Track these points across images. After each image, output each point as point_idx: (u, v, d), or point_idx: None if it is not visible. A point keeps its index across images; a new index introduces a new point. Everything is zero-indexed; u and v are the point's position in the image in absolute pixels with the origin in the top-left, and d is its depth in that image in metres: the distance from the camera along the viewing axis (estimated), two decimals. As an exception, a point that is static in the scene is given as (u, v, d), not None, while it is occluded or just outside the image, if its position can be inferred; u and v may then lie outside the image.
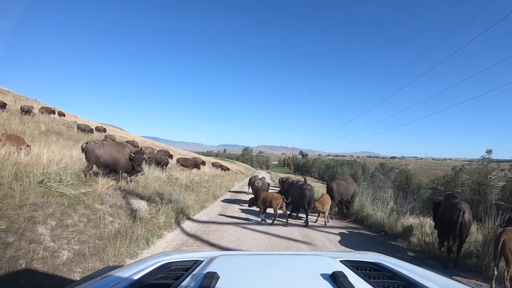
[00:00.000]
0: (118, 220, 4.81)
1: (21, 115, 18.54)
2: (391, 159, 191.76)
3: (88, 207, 4.75)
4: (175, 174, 11.29)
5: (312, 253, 1.77)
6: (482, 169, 38.24)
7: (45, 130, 17.50)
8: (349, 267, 1.11)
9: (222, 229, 5.90)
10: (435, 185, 46.10)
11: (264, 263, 1.15)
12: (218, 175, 18.58)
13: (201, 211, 7.61)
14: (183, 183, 10.00)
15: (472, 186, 37.17)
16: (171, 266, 1.20)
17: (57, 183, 5.04)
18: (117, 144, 6.60)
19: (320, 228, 6.52)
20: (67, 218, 4.22)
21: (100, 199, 5.19)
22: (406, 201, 6.75)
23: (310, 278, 0.95)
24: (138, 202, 5.81)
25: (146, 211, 5.46)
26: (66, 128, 19.00)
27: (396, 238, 6.14)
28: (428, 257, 5.18)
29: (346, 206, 8.45)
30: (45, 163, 5.96)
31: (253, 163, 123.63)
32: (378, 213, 7.29)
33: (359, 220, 7.48)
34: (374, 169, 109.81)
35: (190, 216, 6.71)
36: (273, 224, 6.53)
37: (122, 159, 6.48)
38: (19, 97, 36.11)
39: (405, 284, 1.01)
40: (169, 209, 5.81)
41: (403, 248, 5.68)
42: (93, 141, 6.37)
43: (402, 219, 6.54)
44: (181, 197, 7.88)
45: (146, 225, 4.95)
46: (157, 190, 7.12)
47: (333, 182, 8.07)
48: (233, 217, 7.19)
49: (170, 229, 5.40)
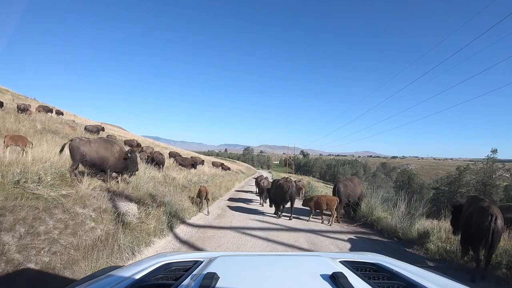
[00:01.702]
0: (100, 226, 4.25)
1: (17, 113, 18.06)
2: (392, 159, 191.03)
3: (67, 211, 4.21)
4: (172, 174, 10.76)
5: (312, 254, 1.71)
6: (487, 169, 37.53)
7: (40, 129, 16.99)
8: (349, 267, 1.10)
9: (219, 235, 5.35)
10: (439, 185, 45.36)
11: (264, 264, 1.15)
12: (218, 174, 18.03)
13: (197, 214, 7.05)
14: (180, 183, 9.46)
15: (477, 186, 36.47)
16: (171, 266, 1.20)
17: (35, 184, 4.51)
18: (105, 141, 6.05)
19: (327, 234, 5.95)
20: (40, 224, 3.68)
21: (83, 202, 4.64)
22: (421, 204, 6.16)
23: (310, 278, 0.95)
24: (127, 205, 5.26)
25: (135, 215, 4.91)
26: (70, 128, 18.40)
27: (411, 244, 5.57)
28: (450, 267, 4.61)
29: (353, 208, 7.89)
30: (29, 161, 5.44)
31: (254, 162, 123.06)
32: (389, 216, 6.72)
33: (369, 224, 6.91)
34: (376, 168, 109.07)
35: (185, 220, 6.15)
36: (276, 229, 5.98)
37: (110, 157, 5.93)
38: (18, 96, 35.67)
39: (405, 285, 1.01)
40: (161, 213, 5.25)
41: (420, 257, 5.11)
42: (79, 137, 5.82)
43: (417, 223, 5.95)
44: (177, 198, 7.33)
45: (133, 232, 4.40)
46: (150, 192, 6.58)
47: (339, 183, 7.50)
48: (232, 221, 6.64)
49: (161, 235, 4.84)
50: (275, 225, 6.40)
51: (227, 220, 6.66)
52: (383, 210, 7.11)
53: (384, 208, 7.18)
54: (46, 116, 21.67)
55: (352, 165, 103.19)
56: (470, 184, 37.93)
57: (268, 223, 6.59)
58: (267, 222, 6.64)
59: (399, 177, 73.27)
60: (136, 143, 19.41)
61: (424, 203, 6.18)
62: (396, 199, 7.52)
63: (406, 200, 6.65)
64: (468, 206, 4.74)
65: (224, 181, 16.20)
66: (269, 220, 6.95)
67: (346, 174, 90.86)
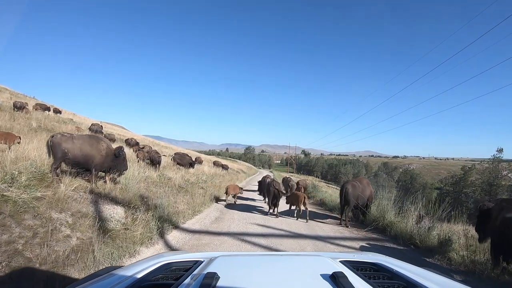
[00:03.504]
0: (77, 234, 3.68)
1: (13, 111, 17.57)
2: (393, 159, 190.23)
3: (39, 216, 3.64)
4: (169, 173, 10.19)
5: (312, 254, 1.69)
6: (492, 168, 36.78)
7: (36, 127, 16.49)
8: (349, 267, 1.09)
9: (216, 242, 4.77)
10: (443, 185, 44.55)
11: (264, 264, 1.14)
12: (217, 174, 17.46)
13: (193, 217, 6.47)
14: (176, 183, 8.89)
15: (482, 187, 35.73)
16: (171, 266, 1.19)
17: (7, 185, 3.96)
18: (90, 137, 5.48)
19: (336, 241, 5.36)
20: (3, 233, 3.11)
21: (60, 206, 4.08)
22: (441, 207, 5.55)
23: (310, 278, 0.94)
24: (112, 208, 4.69)
25: (120, 221, 4.34)
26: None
27: (431, 253, 4.97)
28: (480, 280, 4.01)
29: (362, 211, 7.29)
30: (9, 160, 4.89)
31: (255, 162, 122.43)
32: (403, 220, 6.12)
33: (380, 229, 6.31)
34: (377, 168, 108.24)
35: (179, 225, 5.57)
36: (280, 236, 5.40)
37: (96, 155, 5.37)
38: (16, 95, 35.16)
39: (405, 284, 1.00)
40: (150, 217, 4.67)
41: (443, 268, 4.51)
42: (61, 133, 5.26)
43: (437, 229, 5.35)
44: (171, 200, 6.77)
45: (115, 240, 3.83)
46: (141, 193, 6.00)
47: (347, 183, 6.89)
48: (230, 225, 6.06)
49: (149, 243, 4.26)
50: (278, 230, 5.82)
51: (225, 224, 6.08)
52: (394, 212, 6.51)
53: (396, 210, 6.58)
54: (43, 114, 21.21)
55: (353, 165, 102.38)
56: (475, 184, 37.17)
57: (270, 227, 6.01)
58: (269, 227, 6.05)
59: (402, 177, 72.61)
60: (135, 142, 18.98)
61: (445, 206, 5.56)
62: (402, 200, 6.92)
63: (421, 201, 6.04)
64: (499, 210, 4.15)
65: (224, 181, 15.63)
66: (271, 224, 6.37)
67: (347, 174, 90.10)
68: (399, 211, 6.60)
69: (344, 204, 6.86)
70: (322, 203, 10.98)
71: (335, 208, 9.37)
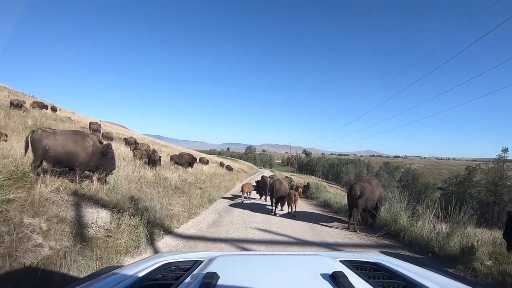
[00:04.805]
0: (51, 243, 3.19)
1: (10, 109, 17.13)
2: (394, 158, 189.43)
3: (7, 221, 3.15)
4: (165, 173, 9.69)
5: (312, 253, 1.58)
6: (497, 168, 36.12)
7: (31, 125, 16.05)
8: (349, 267, 1.08)
9: (211, 250, 4.26)
10: (446, 185, 43.86)
11: (264, 263, 1.13)
12: (217, 174, 16.95)
13: (189, 221, 5.98)
14: (172, 184, 8.40)
15: (487, 187, 35.07)
16: (171, 266, 1.18)
17: (-25, 186, 3.49)
18: (75, 133, 4.99)
19: (346, 248, 4.86)
20: (-43, 244, 2.64)
21: (35, 209, 3.59)
22: (462, 209, 5.02)
23: (310, 278, 0.93)
24: (96, 212, 4.19)
25: (103, 227, 3.84)
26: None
27: (452, 262, 4.46)
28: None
29: (371, 214, 6.78)
30: None
31: (256, 161, 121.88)
32: (417, 224, 5.61)
33: (393, 234, 5.79)
34: (379, 168, 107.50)
35: (172, 229, 5.08)
36: (283, 243, 4.91)
37: (81, 153, 4.88)
38: (15, 93, 34.79)
39: (405, 284, 0.99)
40: (138, 222, 4.17)
41: (467, 279, 4.00)
42: (41, 128, 4.77)
43: (458, 234, 4.83)
44: (165, 202, 6.27)
45: (95, 250, 3.33)
46: (131, 194, 5.50)
47: (356, 185, 6.37)
48: (229, 230, 5.55)
49: (135, 252, 3.77)
50: (281, 236, 5.31)
51: (224, 229, 5.58)
52: (408, 216, 5.99)
53: (409, 214, 6.06)
54: (40, 112, 20.78)
55: (355, 165, 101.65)
56: (480, 184, 36.52)
57: (272, 233, 5.51)
58: (271, 232, 5.55)
59: (403, 176, 71.96)
60: (134, 141, 18.60)
61: (468, 209, 5.03)
62: (413, 202, 6.42)
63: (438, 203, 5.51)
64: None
65: (224, 181, 15.14)
66: (273, 228, 5.86)
67: (349, 174, 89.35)
68: (412, 214, 6.09)
69: (352, 206, 6.35)
70: (326, 204, 10.47)
71: (340, 210, 8.86)
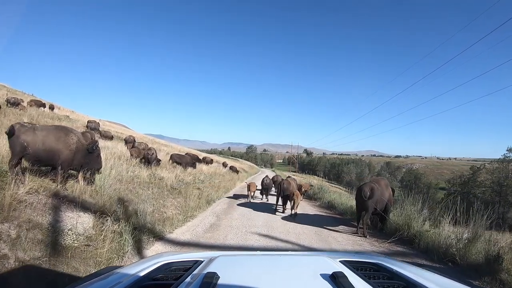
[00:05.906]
0: (18, 253, 2.73)
1: (6, 107, 16.71)
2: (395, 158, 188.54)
3: (-34, 230, 2.71)
4: (162, 173, 9.24)
5: (312, 253, 1.60)
6: (502, 168, 35.53)
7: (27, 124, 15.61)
8: (349, 267, 1.07)
9: (207, 259, 3.81)
10: (450, 185, 43.21)
11: (264, 263, 1.13)
12: (217, 173, 16.49)
13: (184, 225, 5.51)
14: (168, 184, 7.94)
15: (493, 187, 34.47)
16: (171, 266, 1.17)
17: None
18: (57, 129, 4.53)
19: (356, 256, 4.38)
20: None
21: (4, 213, 3.13)
22: (485, 212, 4.51)
23: (310, 278, 0.92)
24: (77, 216, 3.73)
25: (83, 234, 3.38)
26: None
27: (476, 273, 3.97)
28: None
29: (381, 218, 6.31)
30: None
31: (257, 161, 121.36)
32: (434, 229, 5.12)
33: (406, 239, 5.30)
34: (380, 168, 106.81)
35: (165, 235, 4.61)
36: (286, 251, 4.44)
37: (63, 150, 4.42)
38: (14, 92, 34.45)
39: (405, 284, 0.98)
40: (123, 227, 3.71)
41: None
42: (20, 123, 4.32)
43: (481, 241, 4.33)
44: (159, 204, 5.82)
45: (72, 261, 2.87)
46: (120, 196, 5.04)
47: (365, 186, 5.88)
48: (227, 235, 5.08)
49: (119, 263, 3.30)
50: (284, 242, 4.84)
51: (221, 233, 5.11)
52: (423, 220, 5.51)
53: (424, 217, 5.58)
54: (37, 110, 20.39)
55: (356, 164, 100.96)
56: (485, 184, 35.91)
57: (274, 238, 5.03)
58: (273, 238, 5.07)
59: (405, 176, 71.31)
60: (133, 140, 18.27)
61: (489, 213, 4.54)
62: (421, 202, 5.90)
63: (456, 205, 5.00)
64: None
65: (224, 181, 14.68)
66: (275, 234, 5.38)
67: (350, 174, 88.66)
68: (428, 218, 5.61)
69: (361, 209, 5.87)
70: (330, 205, 9.99)
71: (346, 212, 8.38)
